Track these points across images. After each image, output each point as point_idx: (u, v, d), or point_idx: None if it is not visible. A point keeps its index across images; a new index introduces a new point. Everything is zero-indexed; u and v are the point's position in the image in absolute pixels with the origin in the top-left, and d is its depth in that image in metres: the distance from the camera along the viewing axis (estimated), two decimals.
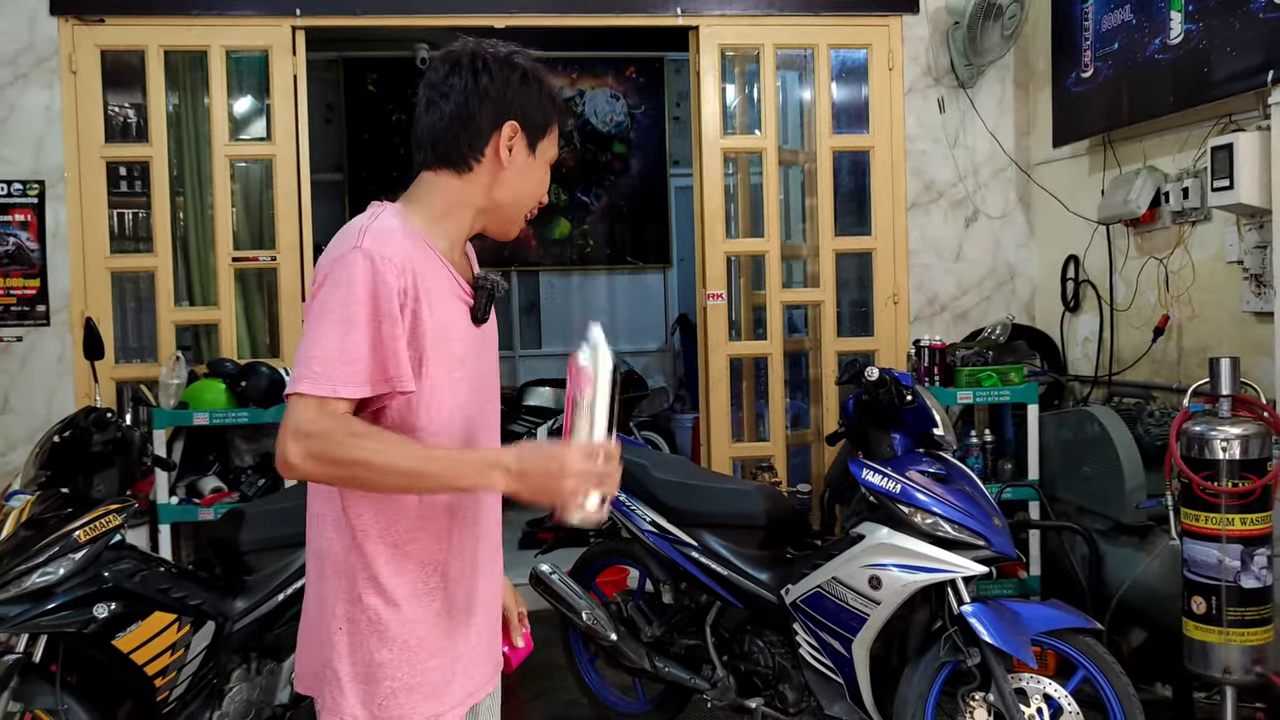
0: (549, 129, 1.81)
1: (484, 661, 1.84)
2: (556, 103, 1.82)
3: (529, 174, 1.79)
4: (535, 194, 1.83)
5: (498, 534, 1.90)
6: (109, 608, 2.78)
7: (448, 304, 1.72)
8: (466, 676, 1.78)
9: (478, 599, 1.80)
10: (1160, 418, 4.14)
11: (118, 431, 2.97)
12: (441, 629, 1.74)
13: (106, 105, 4.97)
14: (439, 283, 1.70)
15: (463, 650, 1.77)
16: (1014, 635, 2.84)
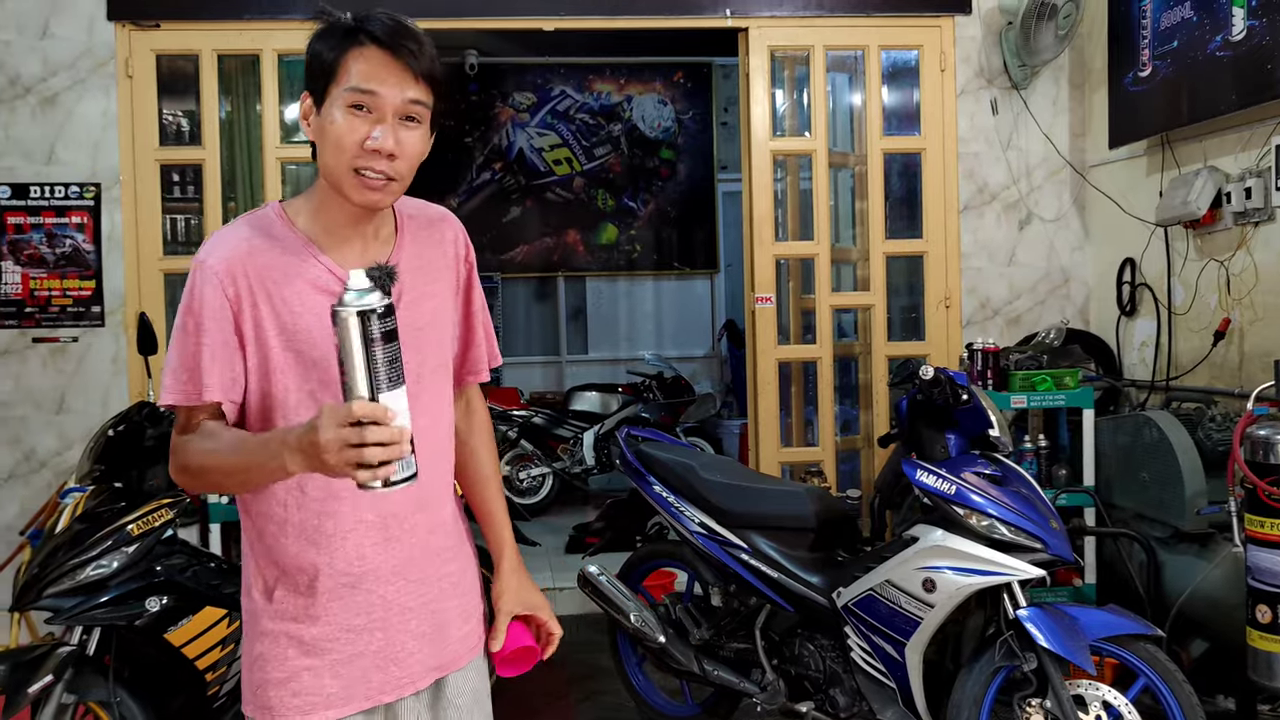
0: (331, 71, 1.62)
1: (392, 665, 1.73)
2: (329, 43, 1.63)
3: (324, 135, 1.62)
4: (341, 144, 1.61)
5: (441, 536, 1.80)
6: (161, 601, 2.80)
7: (304, 301, 1.64)
8: (352, 684, 1.70)
9: (381, 602, 1.71)
10: (1222, 423, 4.04)
11: (170, 426, 2.98)
12: (317, 631, 1.69)
13: (161, 110, 5.03)
14: (295, 280, 1.64)
15: (338, 659, 1.70)
16: (1072, 641, 2.77)
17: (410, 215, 1.81)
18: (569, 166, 9.52)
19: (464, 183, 9.49)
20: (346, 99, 1.60)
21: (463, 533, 1.87)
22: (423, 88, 1.64)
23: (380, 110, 1.61)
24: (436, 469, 1.75)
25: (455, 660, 1.80)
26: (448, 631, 1.79)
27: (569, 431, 7.62)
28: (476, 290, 1.88)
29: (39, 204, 4.86)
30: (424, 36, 1.66)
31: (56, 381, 4.89)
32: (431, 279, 1.78)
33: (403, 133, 1.63)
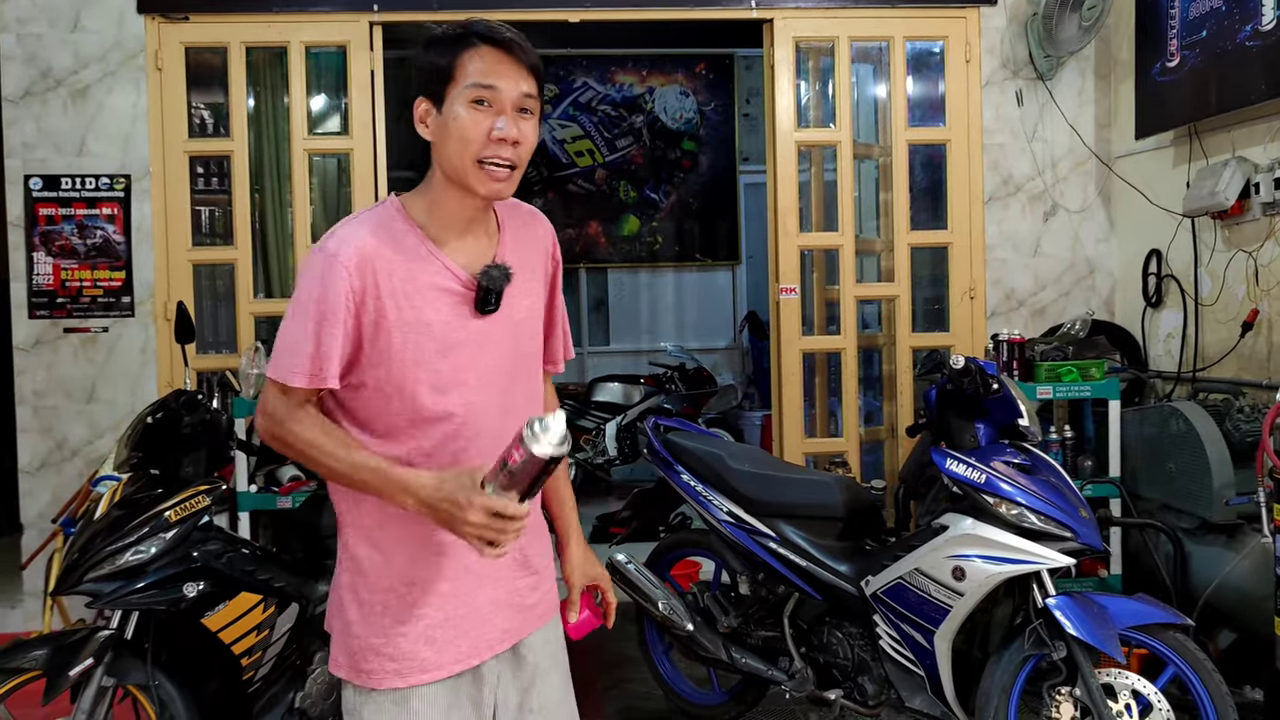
0: (449, 77, 1.74)
1: (476, 631, 1.84)
2: (445, 49, 1.76)
3: (447, 131, 1.74)
4: (468, 137, 1.73)
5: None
6: (198, 586, 2.83)
7: (425, 297, 1.76)
8: (443, 649, 1.81)
9: (465, 571, 1.82)
10: (1250, 414, 4.03)
11: (206, 414, 3.02)
12: (411, 598, 1.80)
13: (190, 102, 5.07)
14: (418, 277, 1.76)
15: (432, 624, 1.80)
16: (1101, 629, 2.77)
17: (507, 214, 1.91)
18: (591, 158, 9.54)
19: None
20: (469, 95, 1.72)
21: (536, 512, 1.97)
22: (532, 81, 1.78)
23: (500, 103, 1.74)
24: None
25: (530, 624, 1.92)
26: (523, 598, 1.90)
27: (591, 422, 7.65)
28: (559, 285, 2.01)
29: (70, 195, 4.91)
30: (525, 38, 1.80)
31: (87, 371, 4.94)
32: (529, 276, 1.89)
33: (521, 123, 1.75)
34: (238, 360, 4.70)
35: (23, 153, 4.91)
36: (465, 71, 1.73)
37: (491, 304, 1.79)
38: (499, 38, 1.75)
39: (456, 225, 1.81)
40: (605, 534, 6.20)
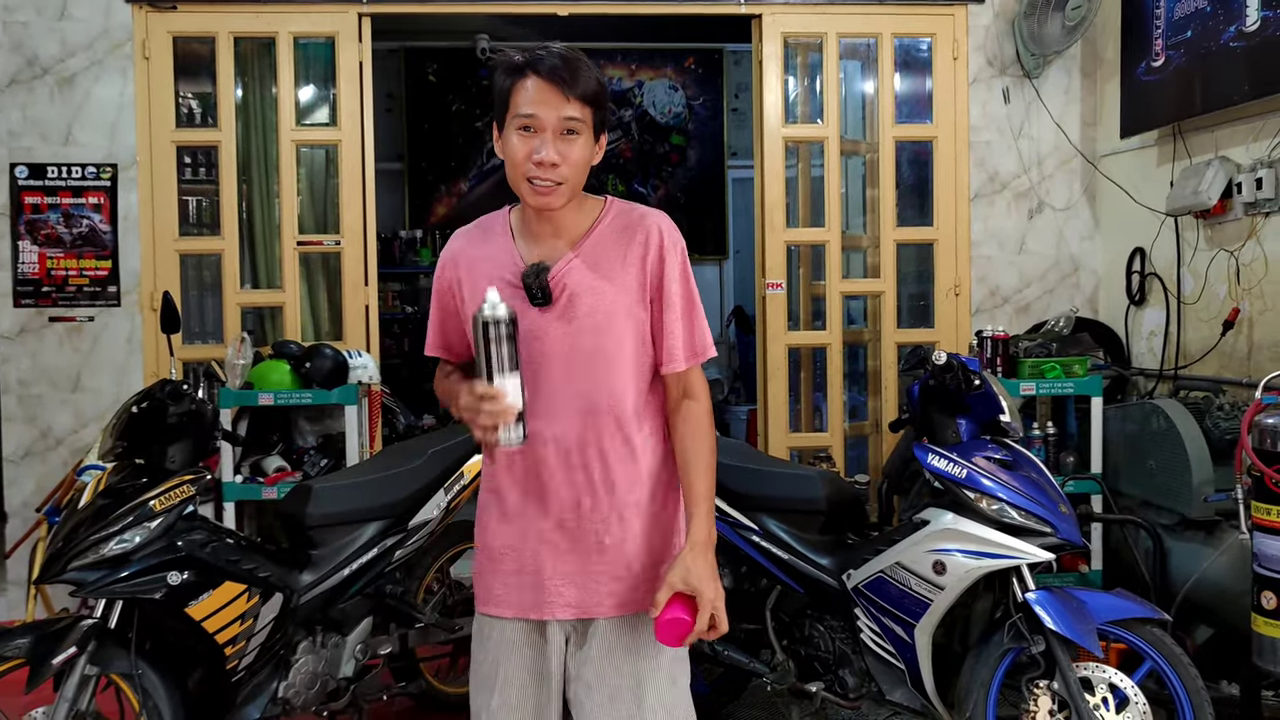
0: (506, 100, 1.98)
1: (541, 591, 2.06)
2: (506, 76, 1.98)
3: (505, 154, 2.00)
4: (515, 160, 1.97)
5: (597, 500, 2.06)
6: (182, 576, 2.83)
7: (498, 289, 1.95)
8: (512, 594, 2.08)
9: (537, 535, 2.06)
10: (1230, 412, 4.07)
11: (191, 404, 3.02)
12: (496, 545, 2.11)
13: (177, 92, 5.06)
14: (494, 269, 2.04)
15: (509, 573, 2.08)
16: (1079, 624, 2.80)
17: (614, 222, 2.07)
18: None
19: (474, 167, 9.51)
20: (516, 124, 1.96)
21: (640, 506, 2.07)
22: (577, 105, 1.95)
23: (542, 129, 1.95)
24: (585, 436, 2.04)
25: (597, 608, 2.06)
26: (595, 582, 2.05)
27: None
28: (671, 286, 2.06)
29: (56, 184, 4.90)
30: (581, 63, 1.97)
31: (72, 360, 4.93)
32: (603, 278, 2.03)
33: (563, 145, 1.95)
34: (224, 351, 4.70)
35: (8, 141, 4.89)
36: (515, 102, 1.96)
37: (538, 297, 2.01)
38: (543, 70, 1.94)
39: (534, 228, 2.06)
40: None
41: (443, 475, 3.57)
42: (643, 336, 2.07)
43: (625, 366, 2.05)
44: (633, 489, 2.07)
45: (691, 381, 2.11)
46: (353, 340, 5.04)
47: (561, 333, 2.02)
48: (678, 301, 2.07)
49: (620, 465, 2.05)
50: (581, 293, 2.02)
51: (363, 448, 4.69)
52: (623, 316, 2.03)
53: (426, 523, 3.50)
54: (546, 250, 2.04)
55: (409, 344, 9.25)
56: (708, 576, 1.97)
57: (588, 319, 2.02)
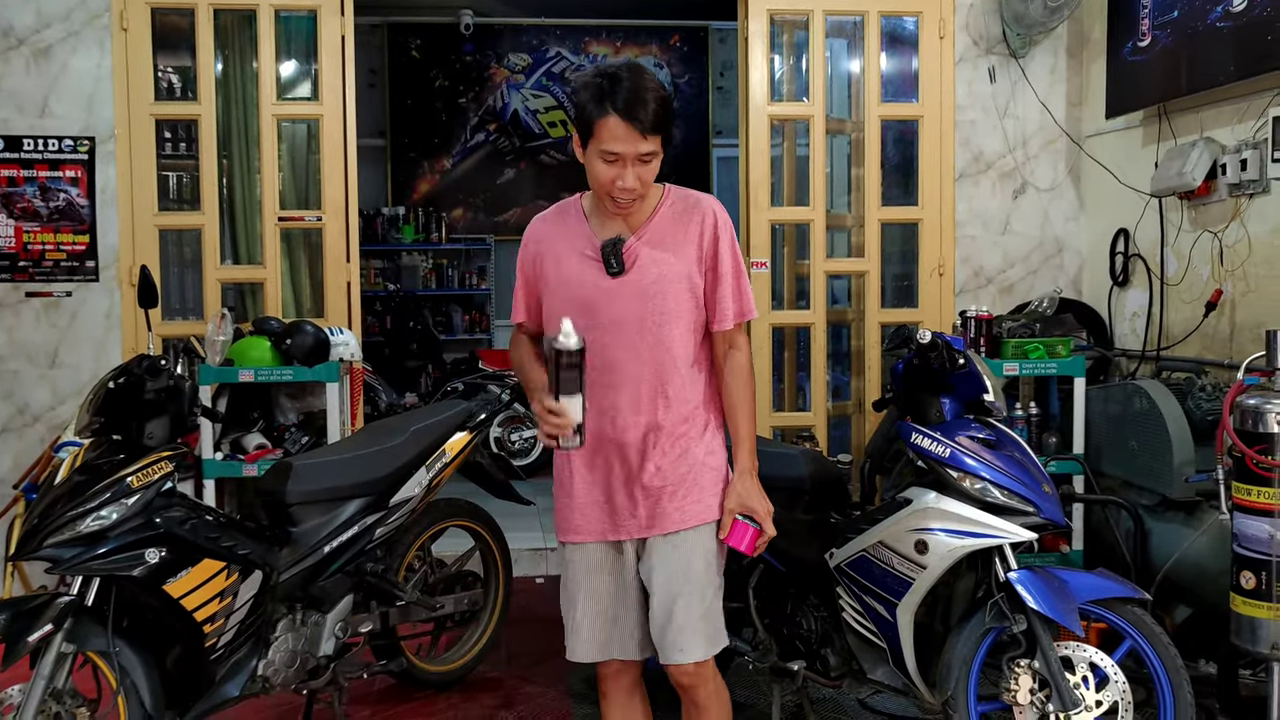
0: (590, 129, 2.32)
1: (611, 514, 2.48)
2: (591, 105, 2.30)
3: (590, 166, 2.35)
4: (600, 181, 2.34)
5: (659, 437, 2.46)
6: (160, 553, 2.80)
7: (577, 261, 2.45)
8: (589, 521, 2.50)
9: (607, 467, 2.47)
10: (1212, 393, 4.08)
11: (169, 380, 2.98)
12: (574, 483, 2.51)
13: (156, 65, 5.00)
14: (572, 245, 2.46)
15: (584, 503, 2.50)
16: (1061, 603, 2.80)
17: (671, 204, 2.47)
18: (564, 129, 9.49)
19: (458, 144, 9.46)
20: (601, 155, 2.32)
21: (695, 442, 2.49)
22: (651, 140, 2.31)
23: (622, 161, 2.31)
24: (651, 384, 2.45)
25: (665, 525, 2.47)
26: (660, 504, 2.47)
27: None
28: (724, 257, 2.48)
29: (32, 157, 4.84)
30: (650, 97, 2.29)
31: (50, 336, 4.88)
32: (667, 251, 2.43)
33: (640, 169, 2.33)
34: (204, 327, 4.65)
35: None
36: (600, 137, 2.30)
37: (614, 267, 2.41)
38: (622, 111, 2.26)
39: (604, 214, 2.45)
40: None
41: (424, 453, 3.56)
42: (698, 300, 2.47)
43: (683, 325, 2.46)
44: (686, 425, 2.48)
45: (737, 337, 2.53)
46: (334, 317, 5.01)
47: (632, 296, 2.42)
48: (729, 272, 2.48)
49: (676, 405, 2.46)
50: (648, 263, 2.42)
51: (344, 425, 4.66)
52: (682, 283, 2.44)
53: (408, 500, 3.48)
54: (616, 229, 2.44)
55: (391, 321, 9.21)
56: (757, 495, 2.46)
57: (654, 285, 2.42)
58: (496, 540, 4.00)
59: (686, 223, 2.45)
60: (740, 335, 2.53)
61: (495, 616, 4.00)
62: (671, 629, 2.44)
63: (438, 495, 3.70)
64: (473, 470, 3.93)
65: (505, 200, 9.56)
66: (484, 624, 3.98)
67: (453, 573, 3.89)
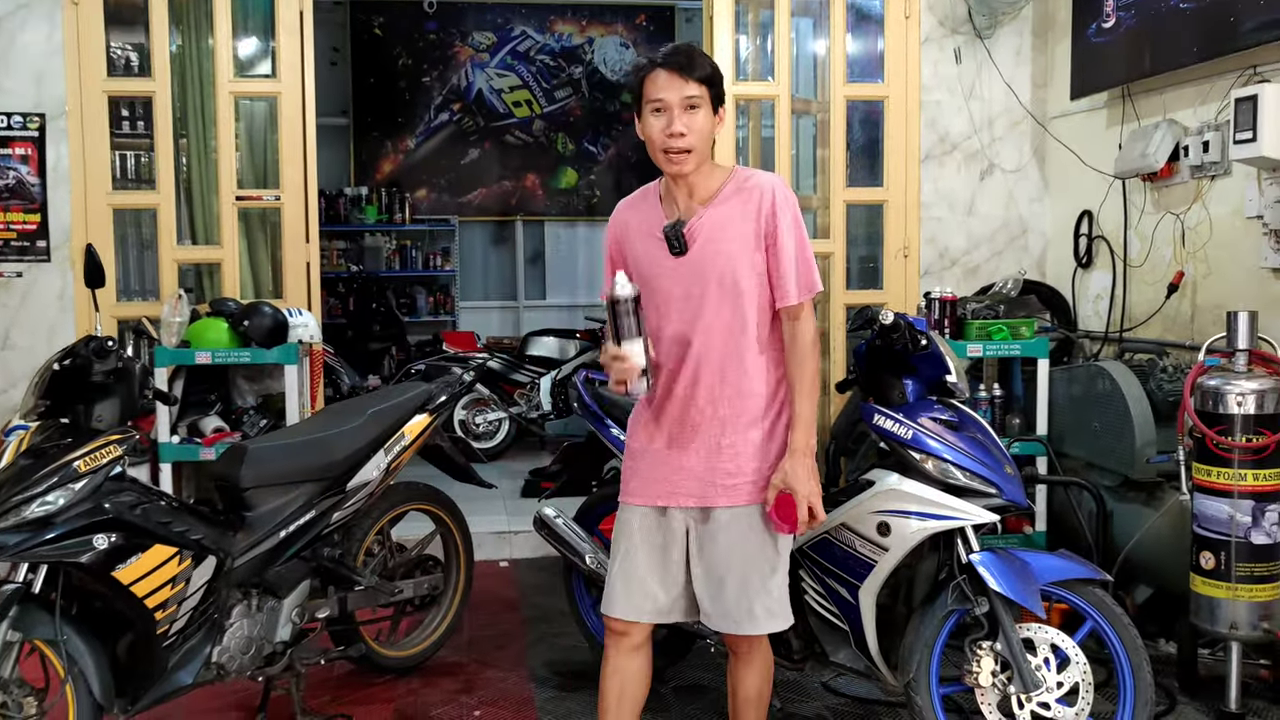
0: (641, 95, 2.47)
1: (667, 482, 2.57)
2: (636, 74, 2.50)
3: (646, 130, 2.48)
4: (653, 138, 2.45)
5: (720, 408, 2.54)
6: (109, 539, 2.73)
7: (646, 242, 2.57)
8: (645, 486, 2.61)
9: (666, 438, 2.58)
10: (1173, 374, 4.09)
11: (119, 361, 2.91)
12: (634, 446, 2.67)
13: (109, 40, 4.88)
14: (645, 227, 2.57)
15: (644, 470, 2.61)
16: (1023, 585, 2.79)
17: (736, 185, 2.54)
18: (529, 109, 9.41)
19: (421, 123, 9.36)
20: (650, 107, 2.45)
21: (754, 417, 2.55)
22: (695, 85, 2.42)
23: (669, 108, 2.42)
24: (712, 359, 2.53)
25: (716, 499, 2.54)
26: (713, 478, 2.54)
27: (526, 377, 7.59)
28: (784, 237, 2.51)
29: None
30: (695, 52, 2.46)
31: (0, 317, 4.77)
32: (727, 230, 2.50)
33: (687, 117, 2.42)
34: (160, 308, 4.57)
35: None
36: (647, 91, 2.44)
37: (676, 247, 2.50)
38: (663, 60, 2.43)
39: (672, 192, 2.56)
40: (536, 488, 6.18)
41: (382, 436, 3.51)
42: (760, 277, 2.52)
43: (744, 301, 2.52)
44: (748, 401, 2.54)
45: (799, 315, 2.55)
46: (293, 298, 4.93)
47: (694, 275, 2.51)
48: (790, 248, 2.52)
49: (738, 381, 2.53)
50: (709, 242, 2.50)
51: (303, 408, 4.60)
52: (743, 261, 2.50)
53: (365, 484, 3.43)
54: (685, 209, 2.53)
55: (355, 303, 9.11)
56: (803, 476, 2.48)
57: (712, 263, 2.49)
58: (457, 524, 3.96)
59: (746, 201, 2.52)
60: (805, 312, 2.56)
61: (456, 601, 3.96)
62: (727, 602, 2.54)
63: (397, 478, 3.65)
64: (433, 453, 3.88)
65: (470, 181, 9.47)
66: (445, 608, 3.94)
67: (412, 557, 3.84)
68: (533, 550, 5.30)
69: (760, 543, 2.55)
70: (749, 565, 2.53)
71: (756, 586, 2.53)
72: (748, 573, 2.53)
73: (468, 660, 4.00)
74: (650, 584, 2.60)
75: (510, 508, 5.83)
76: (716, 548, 2.54)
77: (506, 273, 9.69)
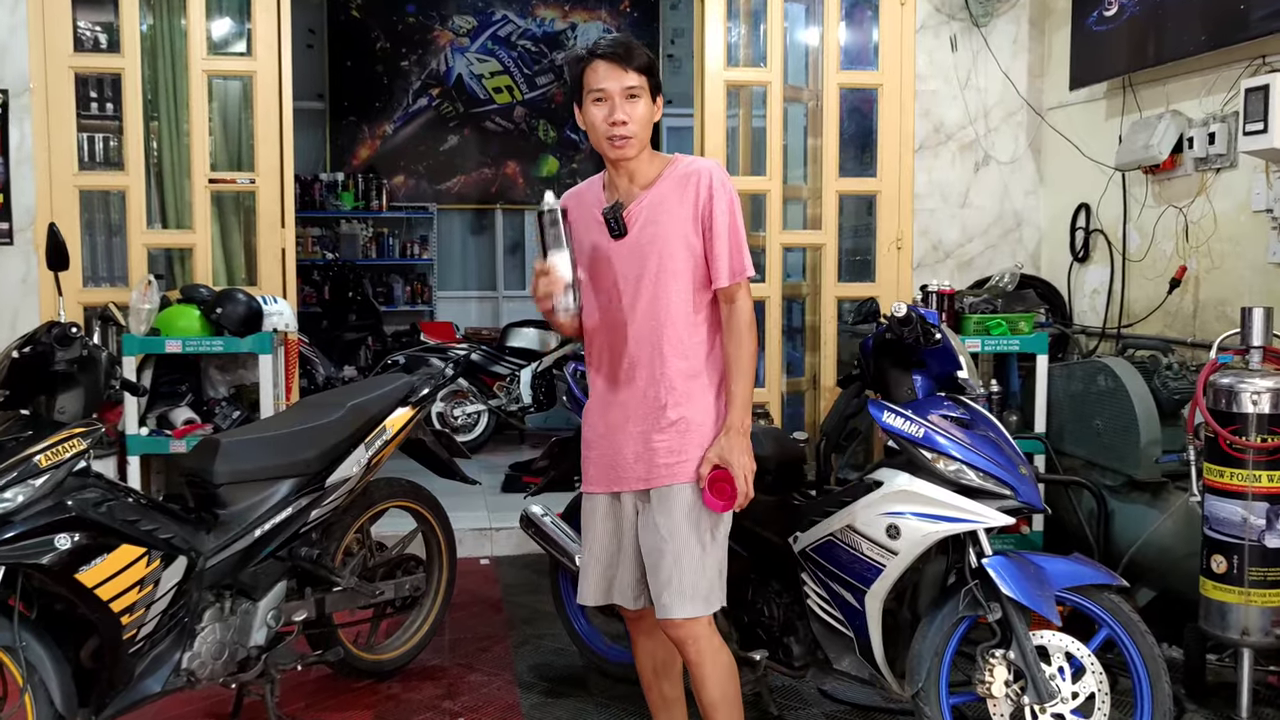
0: (580, 82, 2.52)
1: (615, 468, 2.60)
2: (577, 64, 2.54)
3: (587, 119, 2.52)
4: (595, 126, 2.49)
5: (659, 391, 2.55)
6: (72, 538, 2.56)
7: (589, 228, 2.61)
8: (599, 474, 2.64)
9: (608, 421, 2.62)
10: (1179, 371, 3.98)
11: (83, 349, 2.73)
12: (587, 433, 2.70)
13: (77, 23, 4.68)
14: (590, 213, 2.61)
15: (595, 457, 2.65)
16: (1037, 590, 2.67)
17: (675, 172, 2.57)
18: (510, 95, 9.24)
19: (399, 108, 9.16)
20: (591, 98, 2.50)
21: (692, 398, 2.56)
22: (634, 75, 2.48)
23: (610, 98, 2.47)
24: (650, 341, 2.55)
25: (659, 479, 2.55)
26: (655, 458, 2.55)
27: (505, 369, 7.43)
28: (719, 216, 2.54)
29: None
30: (632, 42, 2.53)
31: None
32: (665, 213, 2.54)
33: (628, 106, 2.48)
34: (129, 294, 4.38)
35: None
36: (588, 81, 2.50)
37: (615, 230, 2.54)
38: (604, 53, 2.48)
39: (614, 180, 2.61)
40: (518, 483, 6.02)
41: (363, 430, 3.35)
42: (698, 259, 2.55)
43: (681, 283, 2.54)
44: (687, 382, 2.55)
45: (736, 295, 2.57)
46: (268, 286, 4.75)
47: (631, 256, 2.55)
48: (724, 232, 2.54)
49: (676, 361, 2.55)
50: (646, 224, 2.54)
51: (278, 399, 4.45)
52: (678, 242, 2.53)
53: (345, 480, 3.27)
54: (624, 194, 2.58)
55: (330, 292, 8.92)
56: (739, 451, 2.50)
57: (650, 245, 2.53)
58: (440, 521, 3.80)
59: (684, 185, 2.55)
60: (740, 293, 2.58)
61: (438, 601, 3.80)
62: (657, 583, 2.52)
63: (377, 475, 3.49)
64: (415, 448, 3.72)
65: (449, 168, 9.28)
66: (426, 609, 3.78)
67: (393, 556, 3.68)
68: (515, 547, 5.15)
69: (694, 521, 2.53)
70: (680, 544, 2.51)
71: (686, 566, 2.50)
72: (679, 552, 2.51)
73: (450, 664, 3.85)
74: (613, 569, 2.65)
75: (492, 503, 5.67)
76: (653, 527, 2.55)
77: (486, 262, 9.52)
